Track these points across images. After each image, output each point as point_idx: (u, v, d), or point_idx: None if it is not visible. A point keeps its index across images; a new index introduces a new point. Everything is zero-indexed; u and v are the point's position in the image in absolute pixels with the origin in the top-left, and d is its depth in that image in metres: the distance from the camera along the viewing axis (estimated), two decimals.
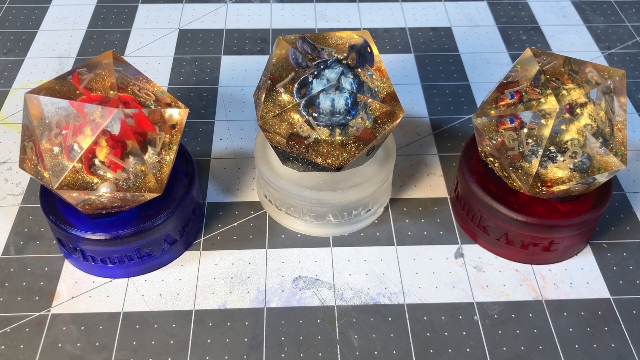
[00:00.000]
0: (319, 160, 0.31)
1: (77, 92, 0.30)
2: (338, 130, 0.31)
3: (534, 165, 0.30)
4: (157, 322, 0.33)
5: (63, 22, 0.54)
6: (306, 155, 0.31)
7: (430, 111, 0.46)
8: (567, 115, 0.30)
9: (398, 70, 0.49)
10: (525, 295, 0.34)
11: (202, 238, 0.37)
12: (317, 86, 0.31)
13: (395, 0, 0.57)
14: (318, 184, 0.35)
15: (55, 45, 0.51)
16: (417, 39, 0.53)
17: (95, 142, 0.29)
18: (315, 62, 0.32)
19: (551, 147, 0.30)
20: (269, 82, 0.31)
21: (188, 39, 0.52)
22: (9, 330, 0.33)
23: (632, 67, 0.50)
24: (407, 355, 0.32)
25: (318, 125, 0.31)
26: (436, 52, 0.51)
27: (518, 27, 0.54)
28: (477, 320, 0.33)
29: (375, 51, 0.33)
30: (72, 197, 0.29)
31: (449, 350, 0.32)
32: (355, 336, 0.33)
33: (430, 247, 0.37)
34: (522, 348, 0.32)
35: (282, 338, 0.32)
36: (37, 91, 0.29)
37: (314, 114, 0.31)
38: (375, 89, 0.32)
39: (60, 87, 0.30)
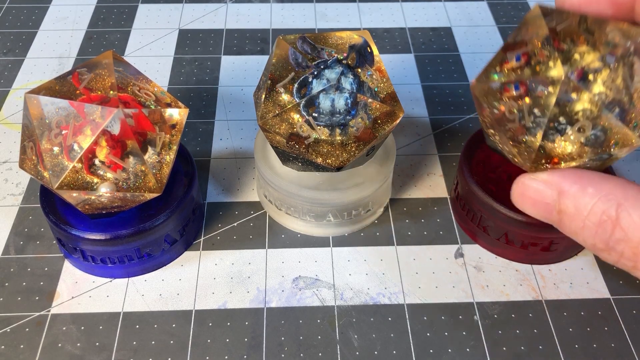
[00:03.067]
0: (319, 160, 0.31)
1: (77, 92, 0.30)
2: (338, 130, 0.31)
3: (538, 138, 0.27)
4: (157, 322, 0.33)
5: (63, 22, 0.54)
6: (306, 155, 0.31)
7: (430, 111, 0.46)
8: (575, 82, 0.26)
9: (398, 70, 0.49)
10: (525, 295, 0.34)
11: (202, 238, 0.37)
12: (317, 86, 0.31)
13: (395, 0, 0.57)
14: (318, 184, 0.35)
15: (55, 45, 0.51)
16: (417, 39, 0.53)
17: (95, 142, 0.29)
18: (315, 62, 0.32)
19: (560, 118, 0.26)
20: (269, 82, 0.31)
21: (188, 39, 0.52)
22: (8, 330, 0.33)
23: None
24: (407, 355, 0.32)
25: (318, 125, 0.31)
26: (436, 52, 0.51)
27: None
28: (477, 320, 0.33)
29: (375, 51, 0.33)
30: (72, 197, 0.29)
31: (449, 350, 0.32)
32: (355, 336, 0.33)
33: (430, 247, 0.37)
34: (522, 348, 0.32)
35: (282, 338, 0.32)
36: (37, 91, 0.29)
37: (314, 114, 0.31)
38: (375, 89, 0.32)
39: (60, 87, 0.30)
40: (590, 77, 0.26)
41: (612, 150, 0.26)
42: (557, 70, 0.26)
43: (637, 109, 0.26)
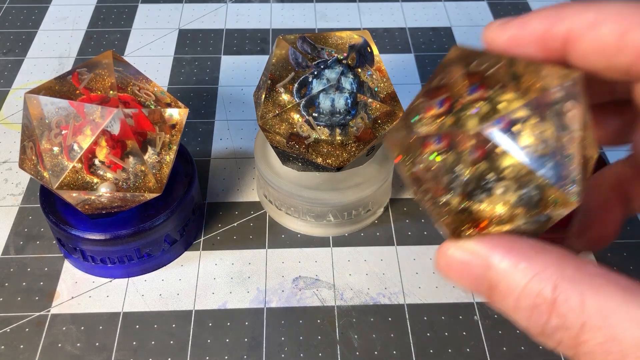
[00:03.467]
0: (319, 160, 0.31)
1: (77, 92, 0.30)
2: (338, 130, 0.31)
3: (457, 201, 0.23)
4: (157, 322, 0.33)
5: (63, 22, 0.54)
6: (306, 155, 0.31)
7: None
8: (501, 135, 0.22)
9: (398, 70, 0.49)
10: None
11: (202, 238, 0.37)
12: (317, 86, 0.31)
13: (395, 0, 0.57)
14: (318, 184, 0.35)
15: (55, 45, 0.51)
16: (417, 38, 0.52)
17: (95, 142, 0.29)
18: (315, 62, 0.32)
19: (488, 175, 0.22)
20: (269, 82, 0.31)
21: (188, 39, 0.52)
22: (8, 330, 0.33)
23: None
24: (407, 355, 0.32)
25: (318, 125, 0.31)
26: (436, 52, 0.51)
27: None
28: (477, 320, 0.33)
29: (375, 51, 0.33)
30: (72, 197, 0.29)
31: (449, 350, 0.32)
32: (355, 336, 0.33)
33: (430, 247, 0.37)
34: (522, 348, 0.32)
35: (282, 338, 0.32)
36: (37, 91, 0.29)
37: (314, 114, 0.31)
38: (376, 89, 0.32)
39: (60, 87, 0.30)
40: (518, 127, 0.22)
41: (550, 210, 0.23)
42: (470, 123, 0.22)
43: (574, 163, 0.22)
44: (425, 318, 0.33)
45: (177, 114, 0.31)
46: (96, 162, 0.29)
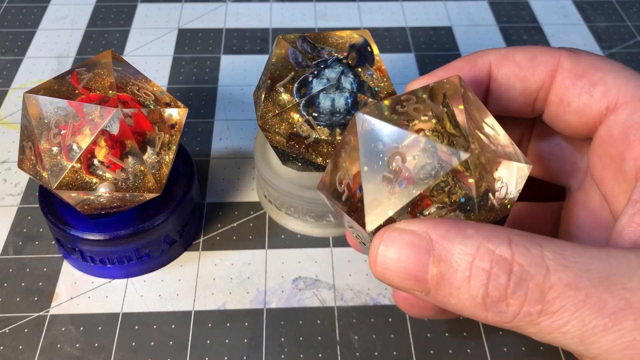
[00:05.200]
0: (319, 160, 0.31)
1: (76, 91, 0.30)
2: (338, 130, 0.31)
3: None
4: (157, 323, 0.33)
5: (62, 22, 0.53)
6: (306, 155, 0.31)
7: None
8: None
9: (398, 69, 0.49)
10: None
11: (202, 238, 0.37)
12: (317, 86, 0.31)
13: None
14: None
15: (54, 45, 0.51)
16: (417, 38, 0.52)
17: (94, 142, 0.29)
18: (315, 62, 0.31)
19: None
20: (269, 81, 0.31)
21: (187, 39, 0.52)
22: (7, 330, 0.32)
23: (634, 66, 0.50)
24: (408, 356, 0.32)
25: (318, 125, 0.31)
26: (437, 52, 0.51)
27: (519, 27, 0.54)
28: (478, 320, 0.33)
29: (376, 50, 0.33)
30: (71, 197, 0.29)
31: (450, 351, 0.32)
32: (356, 337, 0.32)
33: None
34: (523, 349, 0.32)
35: (282, 339, 0.32)
36: (36, 91, 0.29)
37: (314, 114, 0.31)
38: (376, 89, 0.32)
39: (59, 87, 0.30)
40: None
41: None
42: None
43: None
44: (425, 319, 0.33)
45: (176, 113, 0.31)
46: (95, 162, 0.29)
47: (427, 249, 0.19)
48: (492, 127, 0.23)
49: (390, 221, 0.21)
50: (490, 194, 0.22)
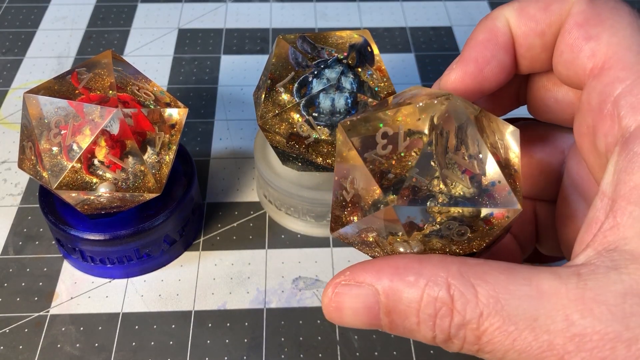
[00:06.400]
0: (319, 160, 0.31)
1: (76, 91, 0.30)
2: None
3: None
4: (157, 323, 0.33)
5: (62, 22, 0.53)
6: (306, 155, 0.31)
7: None
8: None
9: (398, 69, 0.49)
10: None
11: (202, 238, 0.37)
12: (317, 86, 0.31)
13: None
14: (318, 184, 0.35)
15: (54, 45, 0.51)
16: (417, 38, 0.52)
17: (95, 142, 0.29)
18: (315, 62, 0.31)
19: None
20: (269, 81, 0.31)
21: (187, 39, 0.52)
22: (7, 330, 0.32)
23: None
24: (408, 356, 0.32)
25: (318, 125, 0.31)
26: (437, 52, 0.51)
27: None
28: None
29: (376, 50, 0.33)
30: (71, 197, 0.29)
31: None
32: (356, 337, 0.32)
33: None
34: None
35: (282, 339, 0.32)
36: (36, 91, 0.29)
37: (314, 114, 0.31)
38: (376, 89, 0.32)
39: (59, 87, 0.30)
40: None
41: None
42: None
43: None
44: None
45: (176, 113, 0.31)
46: (95, 162, 0.29)
47: (375, 301, 0.21)
48: (480, 150, 0.22)
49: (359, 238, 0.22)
50: (469, 227, 0.22)
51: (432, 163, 0.21)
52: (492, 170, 0.21)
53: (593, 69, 0.22)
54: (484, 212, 0.21)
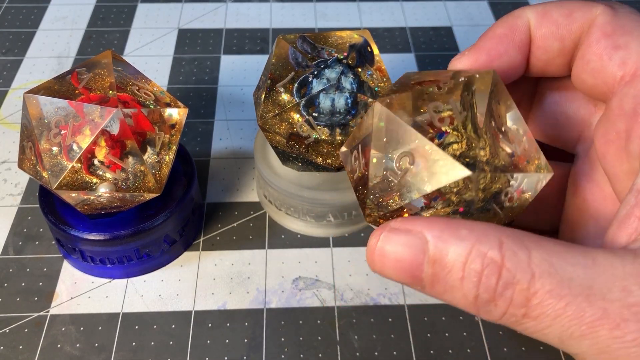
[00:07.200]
0: (319, 160, 0.31)
1: (76, 91, 0.30)
2: (338, 130, 0.31)
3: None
4: (157, 323, 0.33)
5: (62, 22, 0.53)
6: (306, 155, 0.31)
7: None
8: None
9: (398, 69, 0.49)
10: None
11: (202, 238, 0.37)
12: (317, 86, 0.31)
13: None
14: (318, 184, 0.35)
15: (54, 45, 0.51)
16: (417, 38, 0.52)
17: (95, 142, 0.29)
18: (315, 62, 0.31)
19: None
20: (269, 81, 0.31)
21: (187, 39, 0.52)
22: (7, 330, 0.32)
23: None
24: (408, 356, 0.32)
25: (318, 125, 0.31)
26: (437, 52, 0.51)
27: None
28: (478, 320, 0.33)
29: (376, 51, 0.33)
30: (71, 197, 0.29)
31: (450, 351, 0.32)
32: (356, 337, 0.32)
33: None
34: (523, 349, 0.32)
35: (282, 339, 0.32)
36: (36, 91, 0.29)
37: (314, 114, 0.31)
38: (376, 89, 0.32)
39: (59, 87, 0.30)
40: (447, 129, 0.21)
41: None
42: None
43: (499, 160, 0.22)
44: (425, 319, 0.33)
45: (176, 113, 0.31)
46: (95, 162, 0.29)
47: (422, 249, 0.20)
48: (516, 123, 0.23)
49: (387, 215, 0.22)
50: (494, 203, 0.22)
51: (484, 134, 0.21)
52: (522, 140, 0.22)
53: (624, 76, 0.22)
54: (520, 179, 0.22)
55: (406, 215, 0.22)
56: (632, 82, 0.22)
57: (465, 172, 0.20)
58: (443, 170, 0.21)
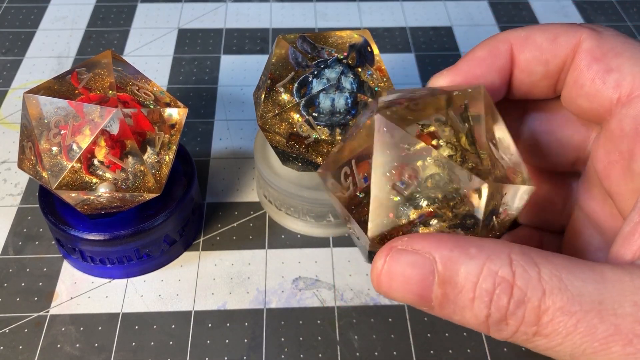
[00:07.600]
0: (319, 160, 0.31)
1: (76, 91, 0.30)
2: (338, 130, 0.31)
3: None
4: (157, 323, 0.33)
5: (62, 22, 0.53)
6: (306, 155, 0.31)
7: None
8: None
9: (398, 69, 0.49)
10: None
11: (202, 238, 0.37)
12: (317, 86, 0.31)
13: None
14: (318, 184, 0.35)
15: (54, 45, 0.51)
16: (417, 38, 0.52)
17: (94, 142, 0.29)
18: (315, 62, 0.31)
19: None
20: (269, 81, 0.31)
21: (187, 39, 0.52)
22: (7, 331, 0.32)
23: None
24: (408, 356, 0.32)
25: (318, 125, 0.31)
26: (437, 52, 0.51)
27: (519, 27, 0.54)
28: None
29: (376, 50, 0.33)
30: (71, 197, 0.29)
31: (450, 351, 0.32)
32: (356, 337, 0.32)
33: None
34: (523, 349, 0.32)
35: (282, 339, 0.32)
36: (36, 91, 0.29)
37: (314, 114, 0.31)
38: (376, 89, 0.32)
39: (59, 87, 0.30)
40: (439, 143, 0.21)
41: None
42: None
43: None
44: (425, 319, 0.33)
45: (176, 113, 0.31)
46: (95, 162, 0.29)
47: (431, 271, 0.20)
48: (503, 136, 0.23)
49: (393, 231, 0.21)
50: (494, 215, 0.22)
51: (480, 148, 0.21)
52: (511, 152, 0.23)
53: (620, 98, 0.22)
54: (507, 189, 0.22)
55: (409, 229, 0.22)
56: (630, 104, 0.22)
57: (481, 182, 0.20)
58: (459, 181, 0.21)
